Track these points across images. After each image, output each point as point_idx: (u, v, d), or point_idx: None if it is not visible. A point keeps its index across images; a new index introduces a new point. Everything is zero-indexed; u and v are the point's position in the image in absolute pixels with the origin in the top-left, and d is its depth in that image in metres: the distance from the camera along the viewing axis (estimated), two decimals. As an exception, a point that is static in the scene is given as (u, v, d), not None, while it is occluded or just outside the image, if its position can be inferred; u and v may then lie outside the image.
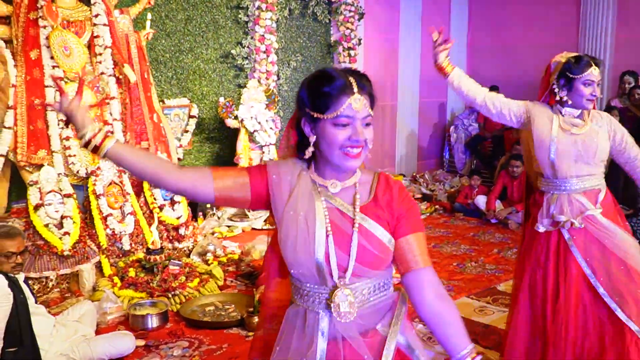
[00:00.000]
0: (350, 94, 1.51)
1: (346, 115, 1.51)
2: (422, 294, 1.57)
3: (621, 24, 8.24)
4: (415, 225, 1.60)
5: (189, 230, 5.32)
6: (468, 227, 6.69)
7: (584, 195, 2.78)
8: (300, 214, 1.56)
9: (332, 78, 1.52)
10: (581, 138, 2.74)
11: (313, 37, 7.81)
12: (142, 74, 5.27)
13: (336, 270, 1.55)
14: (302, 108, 1.58)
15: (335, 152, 1.53)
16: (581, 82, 2.71)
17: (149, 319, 3.84)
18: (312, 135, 1.56)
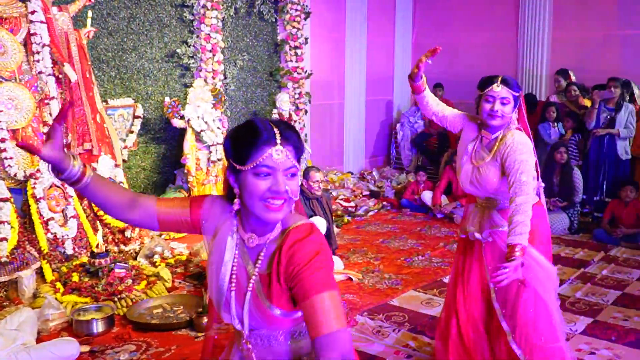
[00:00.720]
0: (273, 144, 1.49)
1: (266, 165, 1.49)
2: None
3: (556, 24, 8.53)
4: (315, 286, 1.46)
5: (135, 232, 5.24)
6: (415, 222, 6.81)
7: (499, 212, 2.88)
8: (212, 266, 1.64)
9: (255, 128, 1.51)
10: (477, 171, 2.83)
11: (260, 36, 7.79)
12: (84, 73, 5.16)
13: (235, 319, 1.64)
14: (227, 158, 1.59)
15: (257, 204, 1.51)
16: (483, 98, 2.78)
17: (94, 324, 3.76)
18: (236, 186, 1.56)
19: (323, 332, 1.41)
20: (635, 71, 7.40)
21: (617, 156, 6.55)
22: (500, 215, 2.87)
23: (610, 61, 7.97)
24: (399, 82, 10.11)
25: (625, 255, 5.53)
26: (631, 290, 4.60)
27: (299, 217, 1.62)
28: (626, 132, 6.48)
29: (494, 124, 2.77)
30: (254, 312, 1.58)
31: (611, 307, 4.27)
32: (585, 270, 5.10)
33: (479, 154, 2.86)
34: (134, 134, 6.15)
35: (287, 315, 1.58)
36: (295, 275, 1.50)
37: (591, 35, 8.24)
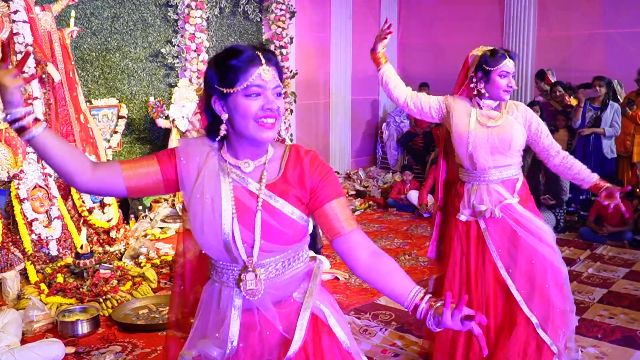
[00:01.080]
0: (259, 64, 1.52)
1: (257, 84, 1.51)
2: (355, 255, 1.59)
3: (541, 23, 8.60)
4: (333, 191, 1.60)
5: (120, 233, 5.19)
6: (401, 222, 6.82)
7: (502, 185, 2.88)
8: (207, 196, 1.57)
9: (238, 52, 1.53)
10: (496, 131, 2.83)
11: (244, 35, 7.77)
12: (67, 73, 5.11)
13: (243, 249, 1.57)
14: (212, 87, 1.56)
15: (250, 124, 1.52)
16: (497, 73, 2.80)
17: (79, 325, 3.72)
18: (224, 112, 1.55)
19: (348, 228, 1.58)
20: (619, 70, 7.47)
21: (603, 155, 6.60)
22: (505, 188, 2.87)
23: (594, 60, 8.05)
24: (384, 81, 10.12)
25: (611, 254, 5.57)
26: (617, 289, 4.63)
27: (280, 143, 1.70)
28: (611, 131, 6.52)
29: (507, 98, 2.85)
30: (268, 224, 1.56)
31: (597, 305, 4.29)
32: (572, 268, 5.13)
33: (487, 119, 2.86)
34: (118, 134, 6.11)
35: (302, 220, 1.60)
36: (324, 175, 1.60)
37: (575, 34, 8.31)
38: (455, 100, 2.95)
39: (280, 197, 1.58)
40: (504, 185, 2.88)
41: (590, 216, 6.17)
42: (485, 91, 2.85)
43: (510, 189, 2.88)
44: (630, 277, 4.90)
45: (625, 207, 6.05)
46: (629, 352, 3.52)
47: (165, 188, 1.64)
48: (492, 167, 2.87)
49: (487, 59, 2.84)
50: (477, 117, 2.87)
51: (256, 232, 1.56)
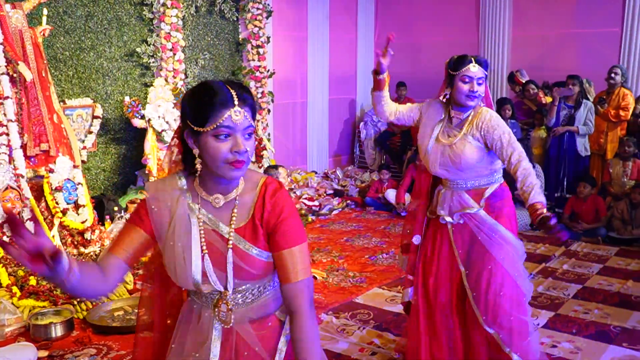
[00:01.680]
0: (231, 106, 1.51)
1: (226, 126, 1.51)
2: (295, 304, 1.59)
3: (516, 23, 8.69)
4: (287, 241, 1.60)
5: (95, 234, 5.12)
6: (379, 221, 6.84)
7: (468, 193, 2.89)
8: (178, 244, 1.60)
9: (212, 91, 1.52)
10: (449, 149, 2.83)
11: (221, 34, 7.72)
12: (40, 72, 5.01)
13: (217, 283, 1.62)
14: (184, 120, 1.57)
15: (220, 165, 1.53)
16: (459, 78, 2.76)
17: (52, 328, 3.66)
18: (195, 148, 1.56)
19: (297, 278, 1.57)
20: (591, 69, 7.57)
21: (577, 153, 6.68)
22: (469, 196, 2.87)
23: (567, 59, 8.15)
24: (362, 80, 10.15)
25: (586, 250, 5.64)
26: (591, 284, 4.70)
27: (255, 170, 1.73)
28: (585, 129, 6.61)
29: (471, 104, 2.79)
30: (239, 266, 1.60)
31: (572, 300, 4.35)
32: (547, 265, 5.19)
33: (450, 132, 2.85)
34: (93, 135, 6.03)
35: (270, 259, 1.63)
36: (279, 223, 1.60)
37: (550, 33, 8.41)
38: (429, 109, 2.95)
39: (249, 242, 1.61)
40: (471, 194, 2.88)
41: (565, 213, 6.25)
42: (451, 97, 2.85)
43: (477, 197, 2.87)
44: (604, 273, 4.97)
45: (598, 205, 6.17)
46: (603, 347, 3.57)
47: (154, 240, 1.65)
48: (452, 179, 2.90)
49: (452, 64, 2.82)
50: (438, 134, 2.89)
51: (228, 271, 1.61)
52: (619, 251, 5.59)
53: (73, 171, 5.08)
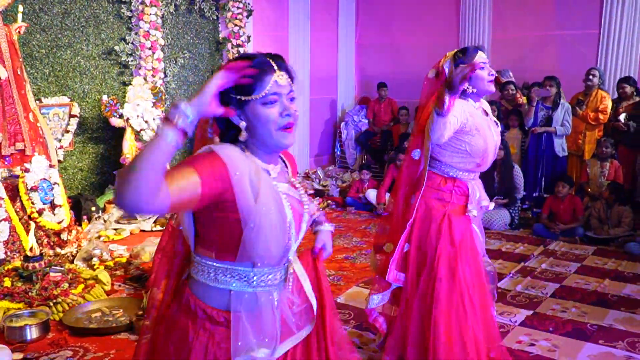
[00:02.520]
0: (272, 72, 1.55)
1: (273, 92, 1.54)
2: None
3: (496, 24, 8.76)
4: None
5: (72, 235, 5.06)
6: (360, 220, 6.84)
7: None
8: (272, 209, 1.55)
9: (254, 60, 1.54)
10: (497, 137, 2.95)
11: (201, 33, 7.67)
12: (15, 70, 4.93)
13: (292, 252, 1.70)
14: (227, 96, 1.53)
15: (273, 131, 1.56)
16: (477, 67, 2.76)
17: (27, 330, 3.59)
18: (242, 121, 1.57)
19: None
20: (570, 70, 7.66)
21: (555, 153, 6.75)
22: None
23: (546, 60, 8.24)
24: (342, 81, 10.15)
25: (564, 249, 5.69)
26: (569, 283, 4.73)
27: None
28: (563, 129, 6.68)
29: (493, 88, 2.90)
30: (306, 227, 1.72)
31: (550, 299, 4.38)
32: (525, 264, 5.22)
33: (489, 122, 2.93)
34: (70, 134, 5.96)
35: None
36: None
37: (529, 35, 8.48)
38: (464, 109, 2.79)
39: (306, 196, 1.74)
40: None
41: (543, 213, 6.30)
42: (471, 89, 2.83)
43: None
44: (581, 272, 5.02)
45: (576, 205, 6.24)
46: (580, 344, 3.59)
47: (198, 204, 1.46)
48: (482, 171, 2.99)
49: (462, 59, 2.82)
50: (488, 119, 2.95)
51: (300, 233, 1.69)
52: (596, 250, 5.65)
53: (49, 171, 5.01)
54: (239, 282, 1.60)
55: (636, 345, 3.58)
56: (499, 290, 4.52)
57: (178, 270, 1.74)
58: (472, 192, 2.93)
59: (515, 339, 3.66)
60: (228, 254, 1.59)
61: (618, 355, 3.47)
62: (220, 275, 1.60)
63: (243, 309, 1.60)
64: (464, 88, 2.78)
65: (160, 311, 1.75)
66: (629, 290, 4.56)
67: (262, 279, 1.63)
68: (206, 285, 1.61)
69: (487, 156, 2.86)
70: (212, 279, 1.61)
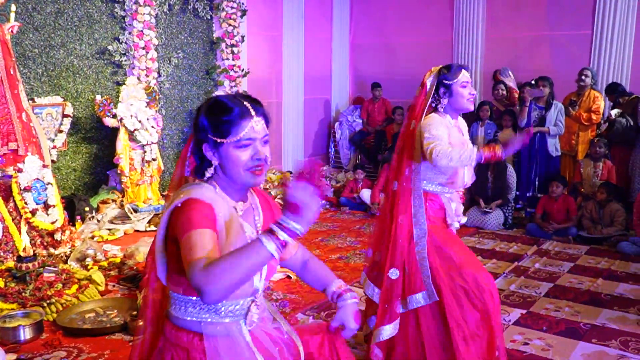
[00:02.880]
0: (250, 117, 1.62)
1: (248, 137, 1.62)
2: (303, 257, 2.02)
3: (490, 25, 8.78)
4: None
5: (65, 235, 5.04)
6: (354, 220, 6.84)
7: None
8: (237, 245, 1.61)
9: (229, 105, 1.62)
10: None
11: (195, 33, 7.66)
12: (7, 69, 4.91)
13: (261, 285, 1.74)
14: (203, 134, 1.65)
15: (242, 172, 1.63)
16: (459, 85, 2.92)
17: (21, 330, 3.57)
18: (215, 158, 1.65)
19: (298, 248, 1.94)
20: (563, 70, 7.69)
21: (548, 153, 6.77)
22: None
23: (539, 61, 8.27)
24: (337, 80, 10.16)
25: (557, 249, 5.72)
26: (562, 282, 4.75)
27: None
28: (556, 129, 6.70)
29: (471, 107, 2.98)
30: (270, 265, 1.73)
31: (543, 298, 4.39)
32: (519, 263, 5.24)
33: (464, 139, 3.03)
34: (63, 134, 5.94)
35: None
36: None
37: (522, 35, 8.51)
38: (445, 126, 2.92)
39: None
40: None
41: (537, 213, 6.33)
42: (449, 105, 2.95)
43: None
44: (574, 271, 5.04)
45: (569, 205, 6.27)
46: (573, 343, 3.61)
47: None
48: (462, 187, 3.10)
49: (445, 75, 2.93)
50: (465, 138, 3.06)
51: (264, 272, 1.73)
52: (589, 250, 5.68)
53: (42, 171, 4.99)
54: (208, 313, 1.68)
55: (629, 344, 3.60)
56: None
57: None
58: (447, 205, 3.01)
59: (510, 338, 3.67)
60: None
61: (611, 354, 3.49)
62: (190, 308, 1.68)
63: (217, 334, 1.68)
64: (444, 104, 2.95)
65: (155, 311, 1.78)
66: (621, 290, 4.59)
67: (229, 309, 1.69)
68: (178, 318, 1.70)
69: (457, 175, 2.95)
70: (182, 312, 1.69)
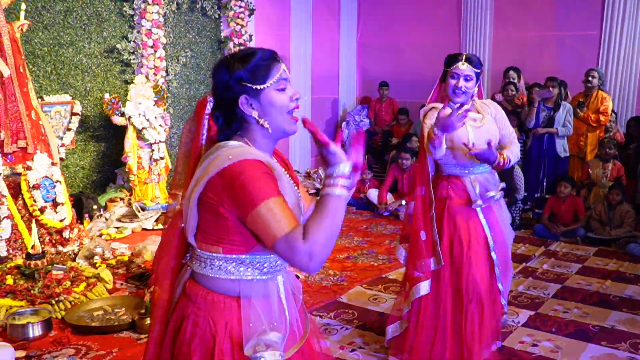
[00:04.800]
0: (278, 60, 1.64)
1: (284, 78, 1.63)
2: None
3: (497, 25, 8.76)
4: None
5: (73, 233, 5.05)
6: (361, 220, 6.83)
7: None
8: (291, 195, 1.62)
9: (259, 52, 1.63)
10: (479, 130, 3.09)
11: (203, 32, 7.66)
12: (17, 68, 4.93)
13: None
14: (239, 87, 1.60)
15: (285, 118, 1.63)
16: (449, 74, 2.97)
17: (30, 328, 3.59)
18: (252, 110, 1.61)
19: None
20: (570, 71, 7.65)
21: (557, 154, 6.74)
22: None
23: (547, 61, 8.24)
24: (344, 80, 10.14)
25: (565, 250, 5.70)
26: (570, 284, 4.74)
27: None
28: (564, 130, 6.67)
29: (458, 100, 2.96)
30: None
31: (552, 300, 4.38)
32: (527, 264, 5.23)
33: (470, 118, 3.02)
34: (71, 132, 5.96)
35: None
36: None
37: (529, 35, 8.48)
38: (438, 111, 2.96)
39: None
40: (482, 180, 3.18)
41: (544, 214, 6.30)
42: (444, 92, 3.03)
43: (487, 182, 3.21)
44: (583, 273, 5.02)
45: (577, 205, 6.24)
46: (582, 345, 3.60)
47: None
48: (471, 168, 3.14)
49: (445, 60, 3.01)
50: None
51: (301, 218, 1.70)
52: (598, 251, 5.65)
53: (51, 169, 5.00)
54: (252, 270, 1.62)
55: (639, 347, 3.59)
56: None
57: (179, 268, 1.76)
58: (470, 186, 3.10)
59: (518, 339, 3.66)
60: (238, 247, 1.61)
61: (621, 356, 3.47)
62: (231, 267, 1.62)
63: (252, 294, 1.63)
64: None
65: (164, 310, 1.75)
66: (630, 292, 4.57)
67: (272, 265, 1.65)
68: (215, 278, 1.63)
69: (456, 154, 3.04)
70: (223, 272, 1.62)
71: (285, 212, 1.50)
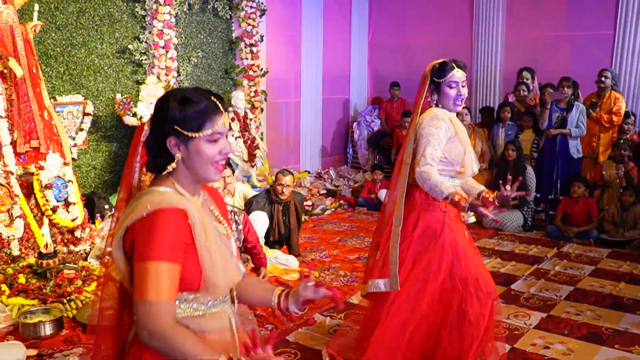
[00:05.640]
0: (221, 113, 1.63)
1: (219, 132, 1.62)
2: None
3: (509, 24, 8.70)
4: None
5: (85, 232, 5.07)
6: (372, 221, 6.81)
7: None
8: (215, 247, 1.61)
9: (202, 100, 1.61)
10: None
11: (214, 33, 7.68)
12: (30, 68, 4.96)
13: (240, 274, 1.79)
14: (170, 127, 1.59)
15: (208, 167, 1.63)
16: (446, 84, 2.90)
17: (42, 326, 3.61)
18: (180, 152, 1.61)
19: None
20: (583, 71, 7.58)
21: (570, 155, 6.67)
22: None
23: (560, 61, 8.17)
24: (355, 80, 10.13)
25: (577, 252, 5.65)
26: (583, 286, 4.70)
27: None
28: (577, 131, 6.60)
29: (459, 109, 2.93)
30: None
31: (564, 302, 4.34)
32: (539, 266, 5.19)
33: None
34: (84, 132, 5.98)
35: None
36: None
37: (542, 35, 8.42)
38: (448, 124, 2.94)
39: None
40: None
41: (558, 214, 6.25)
42: (438, 102, 2.96)
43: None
44: (595, 275, 4.98)
45: (590, 207, 6.18)
46: (595, 348, 3.56)
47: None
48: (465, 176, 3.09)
49: (435, 72, 2.93)
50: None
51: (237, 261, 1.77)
52: (611, 253, 5.60)
53: (63, 168, 5.03)
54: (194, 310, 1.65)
55: (652, 350, 3.55)
56: (512, 293, 4.50)
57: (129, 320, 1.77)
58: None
59: (530, 341, 3.63)
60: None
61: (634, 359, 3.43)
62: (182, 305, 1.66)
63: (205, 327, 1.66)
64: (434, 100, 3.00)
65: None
66: (644, 294, 4.52)
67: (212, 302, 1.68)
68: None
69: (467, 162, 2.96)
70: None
71: (163, 281, 1.49)
